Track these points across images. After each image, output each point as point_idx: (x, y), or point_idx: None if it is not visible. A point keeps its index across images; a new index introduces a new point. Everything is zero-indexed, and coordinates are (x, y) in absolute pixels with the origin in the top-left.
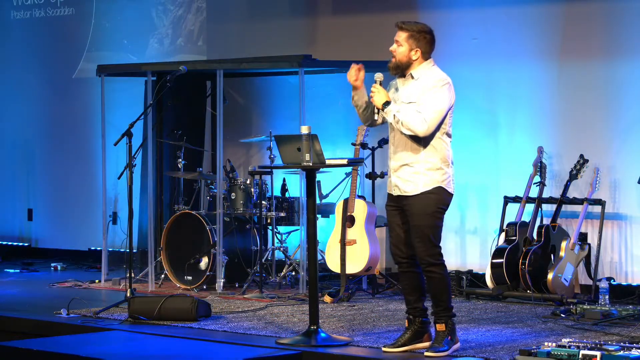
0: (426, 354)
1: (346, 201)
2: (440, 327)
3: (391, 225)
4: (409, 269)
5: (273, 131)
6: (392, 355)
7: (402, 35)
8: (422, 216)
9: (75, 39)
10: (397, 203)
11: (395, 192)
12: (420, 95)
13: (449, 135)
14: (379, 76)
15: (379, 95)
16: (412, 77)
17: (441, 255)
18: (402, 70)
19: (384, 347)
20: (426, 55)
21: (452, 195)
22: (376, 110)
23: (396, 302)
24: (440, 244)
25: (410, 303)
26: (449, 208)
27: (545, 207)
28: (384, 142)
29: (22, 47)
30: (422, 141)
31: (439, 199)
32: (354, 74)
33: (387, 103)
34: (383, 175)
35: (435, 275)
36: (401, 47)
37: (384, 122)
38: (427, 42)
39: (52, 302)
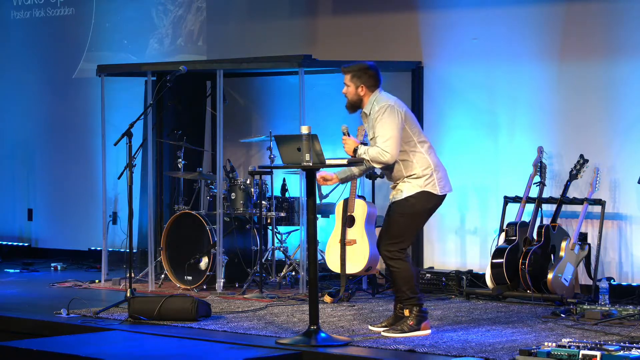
0: (383, 332)
1: (346, 201)
2: (406, 312)
3: None
4: None
5: (273, 131)
6: (390, 354)
7: (346, 78)
8: (394, 215)
9: (75, 39)
10: None
11: (390, 202)
12: (374, 129)
13: (423, 143)
14: (344, 128)
15: (347, 145)
16: (367, 114)
17: (400, 252)
18: (356, 107)
19: (370, 325)
20: (372, 88)
21: (438, 196)
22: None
23: None
24: (406, 244)
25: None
26: (449, 208)
27: (545, 207)
28: None
29: (22, 47)
30: (399, 162)
31: (418, 203)
32: (321, 182)
33: (355, 150)
34: (383, 175)
35: (392, 270)
36: (349, 87)
37: (365, 168)
38: (369, 77)
39: (52, 302)
